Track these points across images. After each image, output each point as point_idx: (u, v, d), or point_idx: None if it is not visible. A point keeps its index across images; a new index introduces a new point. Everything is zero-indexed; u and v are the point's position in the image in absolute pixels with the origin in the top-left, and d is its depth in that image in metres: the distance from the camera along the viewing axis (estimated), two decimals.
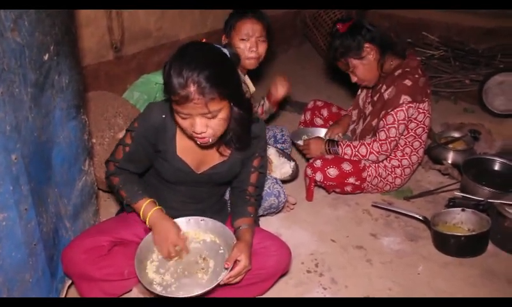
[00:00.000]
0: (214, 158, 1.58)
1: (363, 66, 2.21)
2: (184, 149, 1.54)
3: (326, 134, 2.52)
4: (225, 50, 1.42)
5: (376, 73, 2.25)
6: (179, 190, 1.64)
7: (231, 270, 1.46)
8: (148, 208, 1.56)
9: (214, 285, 1.44)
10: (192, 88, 1.27)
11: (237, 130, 1.49)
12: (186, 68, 1.27)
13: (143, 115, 1.54)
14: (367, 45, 2.16)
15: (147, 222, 1.56)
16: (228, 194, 1.81)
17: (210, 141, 1.41)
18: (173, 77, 1.29)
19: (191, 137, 1.46)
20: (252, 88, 2.29)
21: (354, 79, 2.29)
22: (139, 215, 1.58)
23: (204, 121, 1.34)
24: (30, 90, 1.23)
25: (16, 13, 1.12)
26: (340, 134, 2.50)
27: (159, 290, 1.46)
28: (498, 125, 3.14)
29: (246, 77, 2.27)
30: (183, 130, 1.45)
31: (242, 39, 2.13)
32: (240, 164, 1.61)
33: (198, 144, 1.46)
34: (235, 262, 1.47)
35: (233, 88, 1.39)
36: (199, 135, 1.37)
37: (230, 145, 1.54)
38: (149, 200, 1.58)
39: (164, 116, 1.50)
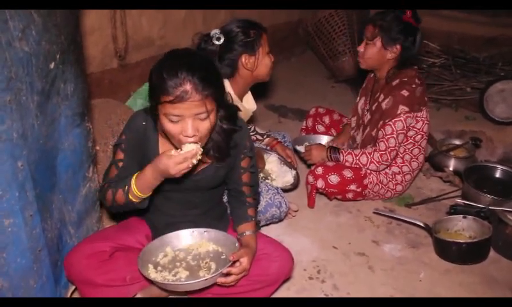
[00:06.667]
0: (198, 164, 1.57)
1: (377, 53, 2.20)
2: None
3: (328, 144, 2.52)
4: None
5: (376, 66, 2.27)
6: (172, 197, 1.64)
7: (232, 266, 1.48)
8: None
9: (216, 274, 1.46)
10: (188, 86, 1.31)
11: (218, 140, 1.51)
12: (180, 69, 1.32)
13: (128, 125, 1.56)
14: (398, 46, 2.17)
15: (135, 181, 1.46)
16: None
17: None
18: (166, 78, 1.31)
19: (175, 146, 1.45)
20: (254, 106, 2.21)
21: (361, 48, 2.26)
22: (135, 191, 1.45)
23: (196, 123, 1.36)
24: (36, 98, 1.25)
25: (24, 23, 1.14)
26: (345, 146, 2.51)
27: (159, 279, 1.49)
28: (499, 132, 3.15)
29: (249, 93, 2.21)
30: (168, 139, 1.45)
31: (268, 53, 2.03)
32: (226, 167, 1.61)
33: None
34: (237, 261, 1.49)
35: (222, 92, 1.45)
36: (190, 140, 1.37)
37: (209, 154, 1.54)
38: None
39: (144, 123, 1.52)
